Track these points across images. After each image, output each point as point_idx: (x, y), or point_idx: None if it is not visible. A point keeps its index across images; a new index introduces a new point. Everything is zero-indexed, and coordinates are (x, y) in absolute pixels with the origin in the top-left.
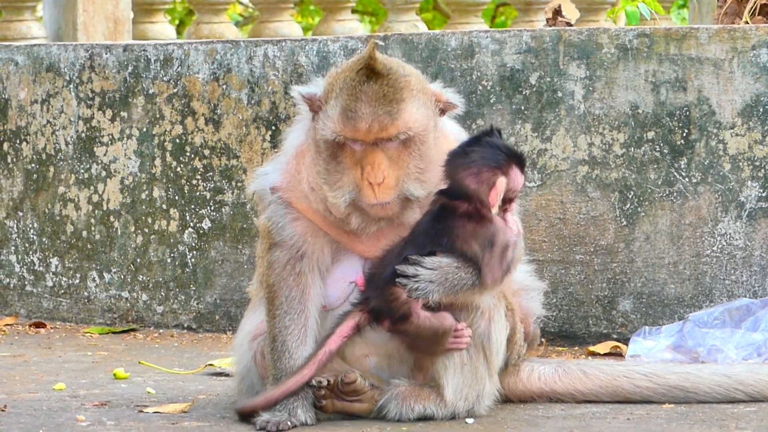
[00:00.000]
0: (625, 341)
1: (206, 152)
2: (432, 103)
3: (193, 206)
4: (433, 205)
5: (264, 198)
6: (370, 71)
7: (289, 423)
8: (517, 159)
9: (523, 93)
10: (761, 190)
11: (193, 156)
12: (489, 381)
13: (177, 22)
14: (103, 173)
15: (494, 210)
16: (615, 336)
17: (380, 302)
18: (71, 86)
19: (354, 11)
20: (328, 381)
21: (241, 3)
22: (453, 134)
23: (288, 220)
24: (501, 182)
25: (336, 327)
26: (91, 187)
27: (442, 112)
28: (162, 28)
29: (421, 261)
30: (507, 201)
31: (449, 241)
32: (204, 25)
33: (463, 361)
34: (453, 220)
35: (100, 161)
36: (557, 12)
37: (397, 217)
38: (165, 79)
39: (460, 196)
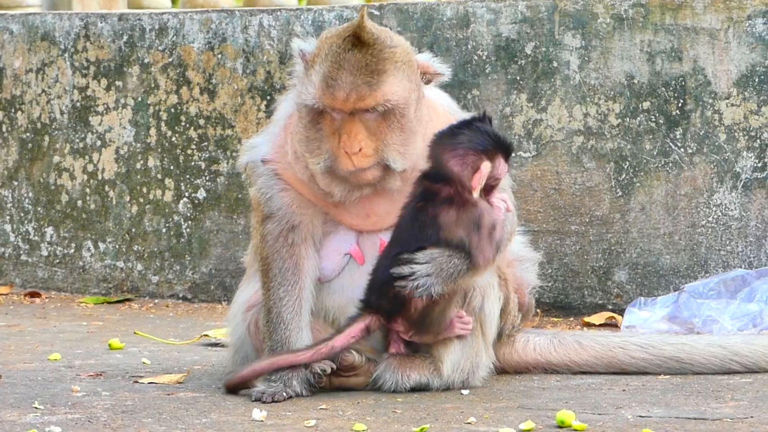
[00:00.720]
0: (621, 312)
1: (201, 122)
2: (417, 75)
3: (188, 176)
4: (415, 189)
5: (255, 170)
6: (356, 39)
7: (284, 394)
8: (504, 147)
9: (519, 63)
10: (756, 161)
11: (188, 126)
12: (484, 352)
13: None
14: (98, 143)
15: (476, 194)
16: (610, 307)
17: (387, 304)
18: (66, 55)
19: None
20: (331, 368)
21: None
22: (442, 105)
23: (277, 192)
24: (485, 166)
25: (346, 327)
26: (86, 157)
27: (428, 81)
28: None
29: (413, 258)
30: (488, 188)
31: (434, 233)
32: None
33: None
34: (435, 208)
35: (95, 130)
36: None
37: (379, 183)
38: (160, 48)
39: (442, 179)
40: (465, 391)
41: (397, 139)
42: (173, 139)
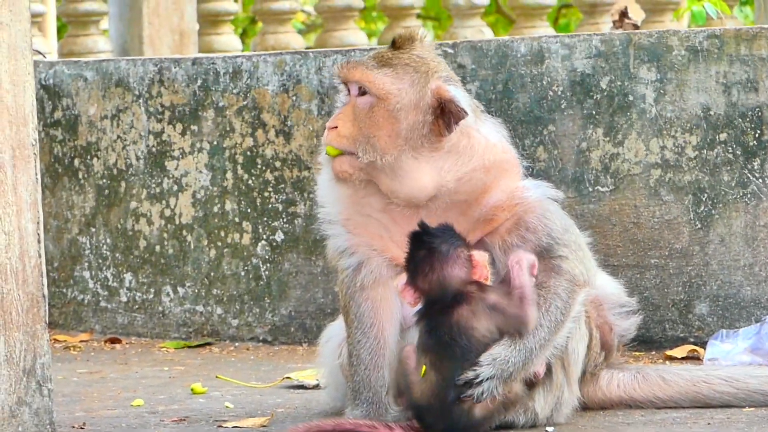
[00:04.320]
0: (702, 345)
1: (277, 164)
2: (426, 92)
3: (265, 218)
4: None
5: (322, 220)
6: (394, 40)
7: None
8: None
9: (594, 97)
10: None
11: (264, 168)
12: (567, 389)
13: (240, 31)
14: (175, 187)
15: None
16: (692, 339)
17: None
18: (141, 101)
19: (418, 16)
20: None
21: (304, 11)
22: (490, 138)
23: (342, 239)
24: (478, 255)
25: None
26: (163, 202)
27: (450, 114)
28: (228, 39)
29: (478, 362)
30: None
31: (473, 337)
32: (270, 35)
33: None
34: (461, 321)
35: (171, 175)
36: (623, 14)
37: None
38: (234, 91)
39: (451, 295)
40: (550, 429)
41: (373, 130)
42: (249, 182)
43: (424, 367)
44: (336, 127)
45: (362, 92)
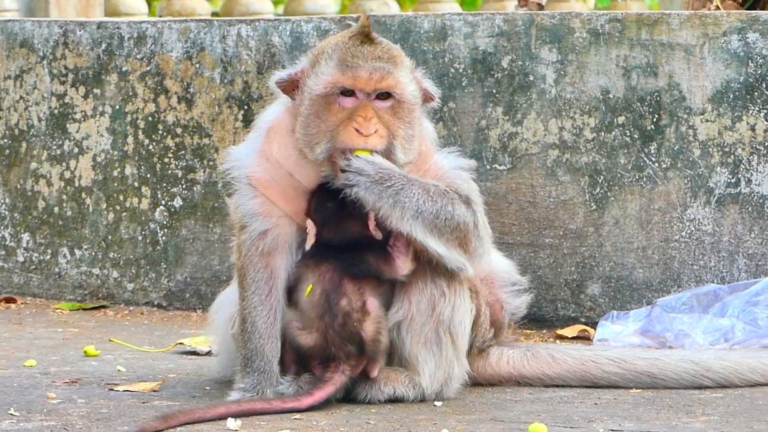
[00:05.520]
0: (593, 325)
1: (178, 131)
2: (417, 84)
3: (164, 184)
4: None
5: (233, 179)
6: (365, 37)
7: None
8: None
9: (495, 76)
10: (730, 176)
11: (165, 134)
12: (457, 364)
13: None
14: (76, 150)
15: None
16: (583, 320)
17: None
18: (45, 62)
19: None
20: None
21: None
22: (429, 135)
23: (254, 202)
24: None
25: (315, 390)
26: (63, 164)
27: (423, 101)
28: (134, 2)
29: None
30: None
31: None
32: (176, 0)
33: (432, 346)
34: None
35: (72, 138)
36: None
37: None
38: (138, 56)
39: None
40: (438, 403)
41: (403, 132)
42: (150, 147)
43: (310, 286)
44: (375, 131)
45: (385, 95)
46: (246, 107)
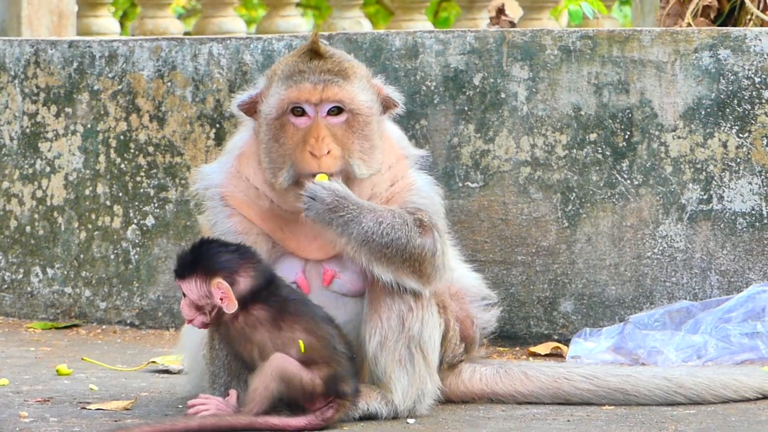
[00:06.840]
0: (566, 342)
1: (150, 149)
2: (375, 93)
3: (136, 203)
4: None
5: (205, 197)
6: (314, 53)
7: None
8: None
9: (467, 94)
10: (702, 193)
11: (137, 153)
12: (430, 380)
13: (120, 13)
14: (48, 169)
15: None
16: (556, 337)
17: None
18: (16, 81)
19: (298, 5)
20: None
21: None
22: (394, 137)
23: (223, 218)
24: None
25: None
26: (35, 183)
27: (385, 109)
28: (106, 22)
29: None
30: None
31: None
32: (148, 20)
33: (405, 363)
34: None
35: (44, 157)
36: (500, 11)
37: None
38: (110, 75)
39: None
40: (411, 420)
41: (360, 146)
42: (122, 166)
43: (300, 342)
44: (328, 152)
45: (336, 110)
46: (218, 125)
